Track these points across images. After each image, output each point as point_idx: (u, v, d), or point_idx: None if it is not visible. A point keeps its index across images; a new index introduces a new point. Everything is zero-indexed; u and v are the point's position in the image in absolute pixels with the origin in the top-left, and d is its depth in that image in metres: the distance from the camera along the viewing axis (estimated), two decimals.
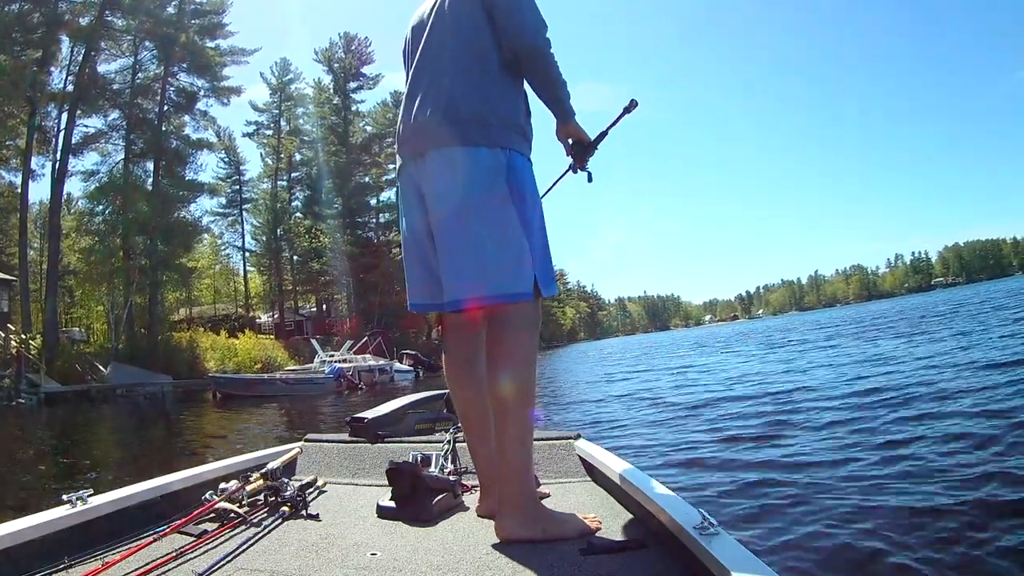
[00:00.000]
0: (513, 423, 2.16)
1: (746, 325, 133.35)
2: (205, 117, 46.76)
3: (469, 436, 2.50)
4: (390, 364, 37.47)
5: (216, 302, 62.33)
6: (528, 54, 2.24)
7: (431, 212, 2.23)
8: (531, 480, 2.26)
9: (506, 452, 2.17)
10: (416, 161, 2.28)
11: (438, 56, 2.29)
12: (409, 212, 2.36)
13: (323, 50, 64.57)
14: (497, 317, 2.21)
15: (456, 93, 2.21)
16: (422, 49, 2.35)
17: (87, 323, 41.68)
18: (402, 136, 2.36)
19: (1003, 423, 6.18)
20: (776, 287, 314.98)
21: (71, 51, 38.19)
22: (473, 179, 2.17)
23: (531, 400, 2.22)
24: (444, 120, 2.19)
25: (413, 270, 2.40)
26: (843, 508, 4.41)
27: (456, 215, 2.16)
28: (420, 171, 2.26)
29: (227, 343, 41.76)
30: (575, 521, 2.17)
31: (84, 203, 41.59)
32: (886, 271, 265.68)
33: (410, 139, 2.30)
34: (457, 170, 2.17)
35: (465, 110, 2.19)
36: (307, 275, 59.53)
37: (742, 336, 49.00)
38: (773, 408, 9.24)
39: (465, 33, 2.26)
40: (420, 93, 2.29)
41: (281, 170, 60.59)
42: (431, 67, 2.30)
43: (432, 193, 2.22)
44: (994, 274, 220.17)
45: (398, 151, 2.41)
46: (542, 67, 2.27)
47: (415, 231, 2.33)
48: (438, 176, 2.20)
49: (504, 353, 2.19)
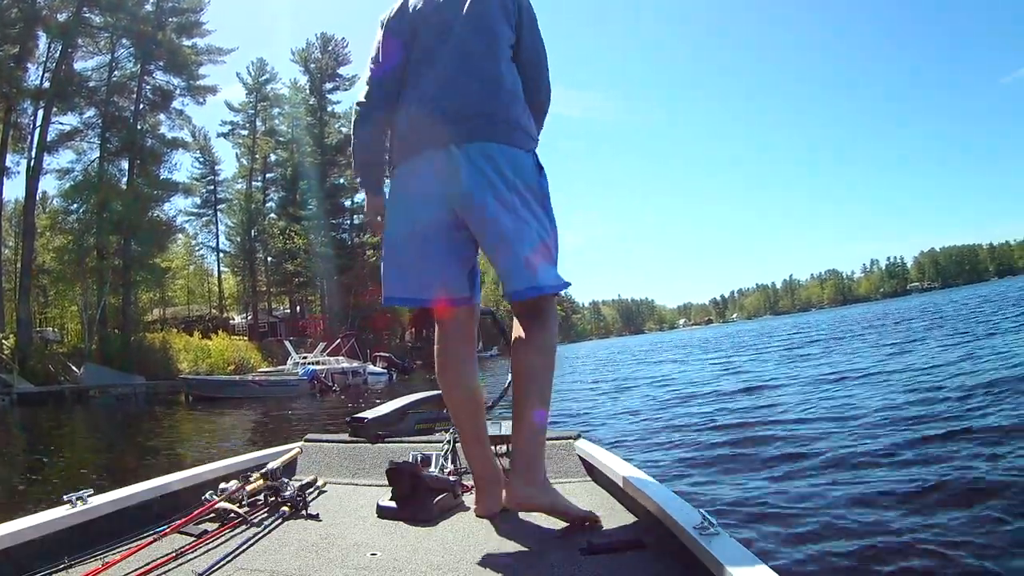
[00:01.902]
0: (540, 399, 2.27)
1: (721, 329, 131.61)
2: (181, 116, 46.47)
3: (464, 435, 2.50)
4: (363, 366, 37.42)
5: (190, 303, 61.64)
6: (545, 110, 2.56)
7: (478, 204, 2.23)
8: (544, 457, 2.37)
9: (533, 423, 2.27)
10: (448, 149, 2.26)
11: (471, 54, 2.34)
12: (427, 203, 2.31)
13: (300, 50, 64.41)
14: (538, 306, 2.34)
15: (504, 98, 2.33)
16: (449, 39, 2.35)
17: (61, 323, 41.27)
18: (433, 122, 2.30)
19: (1007, 425, 6.15)
20: (751, 291, 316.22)
21: (48, 47, 37.94)
22: (528, 176, 2.32)
23: (551, 386, 2.36)
24: (499, 118, 2.30)
25: (431, 262, 2.33)
26: (843, 508, 4.43)
27: (515, 209, 2.24)
28: (454, 160, 2.25)
29: (200, 344, 41.42)
30: (578, 508, 2.25)
31: (59, 202, 41.32)
32: (861, 276, 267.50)
33: (450, 126, 2.28)
34: (515, 166, 2.28)
35: (513, 114, 2.33)
36: (281, 276, 59.17)
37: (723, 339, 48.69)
38: (773, 409, 9.27)
39: (499, 45, 2.36)
40: (458, 84, 2.32)
41: (256, 171, 60.27)
42: (462, 63, 2.33)
43: (480, 185, 2.23)
44: (970, 279, 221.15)
45: (414, 139, 2.36)
46: (543, 121, 2.57)
47: (438, 222, 2.29)
48: (489, 169, 2.24)
49: (543, 340, 2.33)
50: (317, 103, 63.48)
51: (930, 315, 33.38)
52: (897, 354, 14.94)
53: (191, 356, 39.27)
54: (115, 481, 2.46)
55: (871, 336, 23.90)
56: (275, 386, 29.14)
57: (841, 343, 22.78)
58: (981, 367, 10.34)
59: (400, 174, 2.41)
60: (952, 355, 12.78)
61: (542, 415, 2.28)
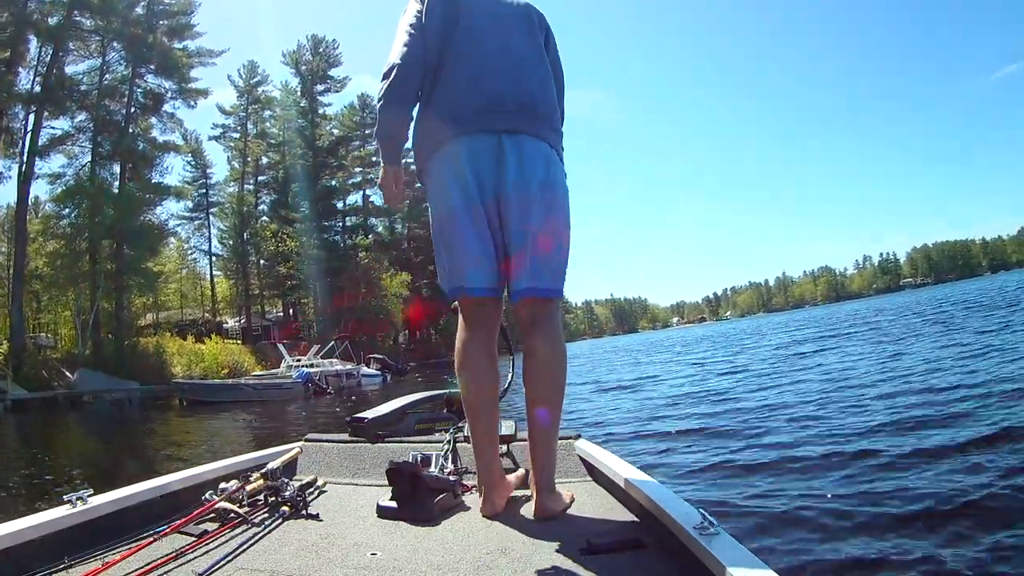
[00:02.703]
0: (557, 411, 2.34)
1: (715, 327, 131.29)
2: (172, 119, 46.51)
3: (479, 434, 2.44)
4: (357, 368, 37.19)
5: (183, 307, 61.29)
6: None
7: (523, 195, 2.25)
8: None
9: (550, 439, 2.35)
10: (502, 137, 2.27)
11: (524, 53, 2.40)
12: (480, 186, 2.27)
13: (291, 52, 64.61)
14: (548, 308, 2.37)
15: (548, 99, 2.40)
16: (501, 31, 2.40)
17: (55, 328, 41.10)
18: (490, 104, 2.30)
19: (1010, 428, 6.09)
20: (743, 289, 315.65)
21: (39, 52, 37.83)
22: (560, 179, 2.36)
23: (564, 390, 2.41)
24: (544, 116, 2.36)
25: (471, 247, 2.29)
26: (843, 509, 4.44)
27: (551, 208, 2.28)
28: (502, 149, 2.26)
29: (194, 348, 41.20)
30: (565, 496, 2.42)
31: (51, 206, 41.21)
32: (854, 272, 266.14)
33: (508, 113, 2.29)
34: (551, 167, 2.32)
35: (556, 117, 2.42)
36: (274, 279, 59.21)
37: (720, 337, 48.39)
38: (773, 410, 9.26)
39: (540, 48, 2.46)
40: (512, 74, 2.34)
41: (248, 173, 60.34)
42: (516, 58, 2.37)
43: (527, 179, 2.25)
44: (963, 274, 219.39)
45: (471, 115, 2.31)
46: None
47: (483, 206, 2.28)
48: (534, 161, 2.27)
49: (558, 344, 2.36)
50: (308, 105, 63.62)
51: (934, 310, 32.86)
52: (902, 353, 14.85)
53: (185, 360, 39.06)
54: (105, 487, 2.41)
55: (869, 333, 23.86)
56: (270, 389, 29.02)
57: (839, 340, 22.81)
58: (988, 366, 10.28)
59: (449, 155, 2.33)
60: (959, 354, 12.62)
61: (556, 440, 2.36)
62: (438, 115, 2.34)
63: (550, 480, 2.33)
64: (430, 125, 2.37)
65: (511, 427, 3.01)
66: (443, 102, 2.33)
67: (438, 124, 2.33)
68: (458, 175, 2.28)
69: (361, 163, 68.54)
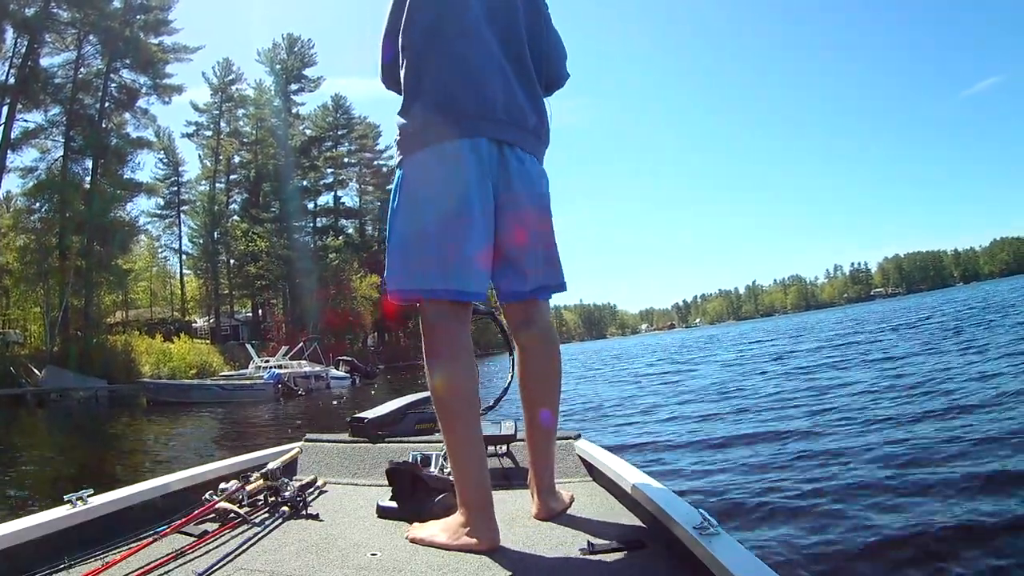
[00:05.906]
0: (556, 410, 2.36)
1: (684, 334, 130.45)
2: (146, 115, 46.28)
3: (462, 440, 2.10)
4: (326, 370, 36.94)
5: (152, 305, 60.75)
6: (562, 83, 2.53)
7: (525, 206, 2.21)
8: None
9: (551, 439, 2.36)
10: (504, 147, 2.18)
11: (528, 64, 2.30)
12: (482, 193, 2.11)
13: (266, 51, 64.50)
14: (547, 307, 2.42)
15: (544, 116, 2.35)
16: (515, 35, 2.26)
17: (24, 325, 40.67)
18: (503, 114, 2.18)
19: (1013, 428, 6.15)
20: (713, 296, 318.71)
21: (15, 43, 37.53)
22: (547, 190, 2.35)
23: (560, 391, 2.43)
24: (540, 131, 2.33)
25: (470, 250, 2.10)
26: (843, 508, 4.47)
27: (545, 218, 2.32)
28: (506, 159, 2.18)
29: (162, 347, 40.79)
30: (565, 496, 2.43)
31: (22, 200, 40.85)
32: (824, 281, 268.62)
33: (515, 123, 2.21)
34: (542, 179, 2.33)
35: (546, 131, 2.37)
36: (243, 279, 58.84)
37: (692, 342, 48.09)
38: (773, 410, 9.34)
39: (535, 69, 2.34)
40: (523, 83, 2.26)
41: (219, 172, 60.03)
42: (526, 71, 2.28)
43: (526, 191, 2.21)
44: (934, 285, 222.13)
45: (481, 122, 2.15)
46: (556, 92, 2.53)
47: (483, 213, 2.11)
48: (532, 175, 2.25)
49: (556, 342, 2.40)
50: (282, 104, 63.31)
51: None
52: (897, 358, 14.85)
53: (153, 359, 38.76)
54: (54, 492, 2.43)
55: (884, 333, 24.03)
56: (240, 390, 28.55)
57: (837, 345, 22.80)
58: (988, 369, 10.41)
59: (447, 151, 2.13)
60: (954, 358, 12.73)
61: (554, 423, 2.37)
62: (450, 106, 2.16)
63: (550, 480, 2.37)
64: (427, 117, 2.18)
65: (511, 427, 3.05)
66: (454, 93, 2.17)
67: (445, 117, 2.15)
68: (473, 174, 2.12)
69: (334, 164, 68.43)
